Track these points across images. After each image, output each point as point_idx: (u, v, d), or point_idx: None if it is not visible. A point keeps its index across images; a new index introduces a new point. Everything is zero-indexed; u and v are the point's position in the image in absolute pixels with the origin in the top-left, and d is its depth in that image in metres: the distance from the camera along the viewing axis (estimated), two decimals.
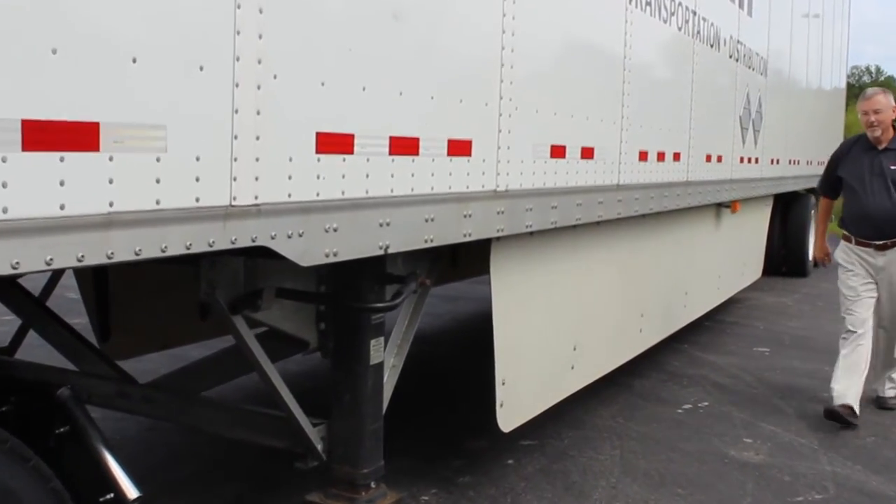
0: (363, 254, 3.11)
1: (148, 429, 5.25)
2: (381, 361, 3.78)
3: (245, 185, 2.60)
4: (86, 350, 4.29)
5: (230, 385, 5.65)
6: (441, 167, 3.50)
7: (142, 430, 5.22)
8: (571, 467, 5.07)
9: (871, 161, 6.08)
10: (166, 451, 5.09)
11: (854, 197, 6.14)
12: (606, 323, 5.68)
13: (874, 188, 6.00)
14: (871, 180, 6.02)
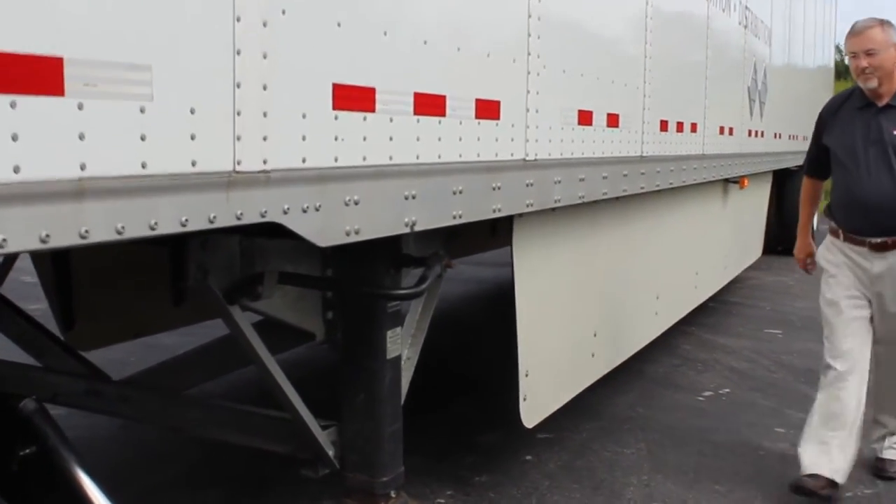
0: (388, 231, 2.59)
1: (121, 426, 4.70)
2: (399, 355, 3.25)
3: (251, 146, 2.07)
4: (48, 342, 3.73)
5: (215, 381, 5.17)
6: (469, 131, 2.98)
7: (114, 427, 4.67)
8: (596, 463, 4.58)
9: (866, 124, 4.11)
10: (143, 450, 4.55)
11: (844, 174, 4.17)
12: (625, 306, 5.18)
13: (870, 162, 4.05)
14: (867, 151, 4.07)
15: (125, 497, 4.03)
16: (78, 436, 4.65)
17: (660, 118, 4.96)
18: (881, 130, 4.07)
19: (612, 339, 4.96)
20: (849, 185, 4.14)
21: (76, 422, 4.74)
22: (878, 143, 4.06)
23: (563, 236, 4.12)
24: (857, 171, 4.09)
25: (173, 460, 4.43)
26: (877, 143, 4.06)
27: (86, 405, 3.70)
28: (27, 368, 3.84)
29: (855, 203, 4.10)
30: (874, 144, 4.07)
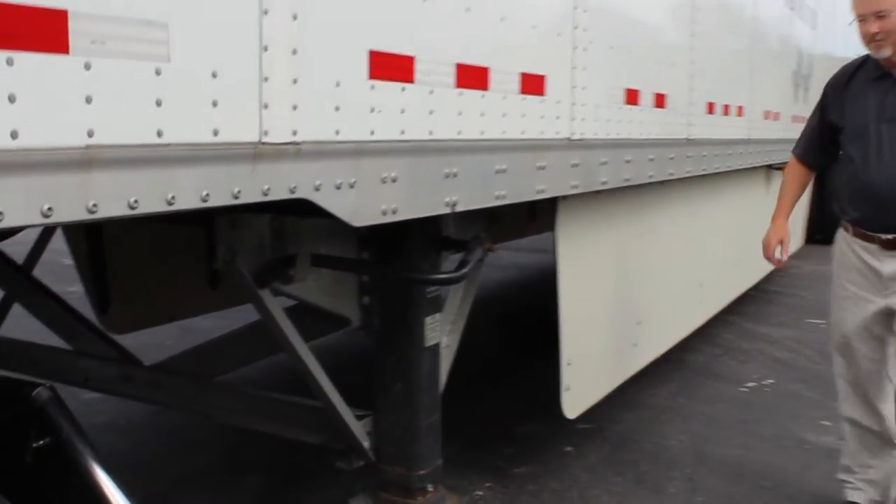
0: (427, 211, 2.36)
1: (156, 411, 4.51)
2: (438, 343, 3.03)
3: (280, 115, 1.85)
4: (80, 325, 3.54)
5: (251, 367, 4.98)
6: (513, 107, 2.74)
7: (149, 412, 4.48)
8: (638, 455, 4.33)
9: (880, 99, 3.29)
10: (178, 437, 4.37)
11: (852, 158, 3.38)
12: (669, 294, 4.92)
13: (882, 144, 3.25)
14: (879, 131, 3.26)
15: (159, 484, 3.90)
16: (111, 421, 4.50)
17: (706, 100, 4.68)
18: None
19: (655, 327, 4.71)
20: (857, 170, 3.32)
21: (109, 406, 4.59)
22: (893, 122, 3.25)
23: (607, 221, 3.87)
24: (867, 154, 3.29)
25: (208, 447, 4.25)
26: (892, 122, 3.25)
27: (117, 390, 3.53)
28: (59, 352, 3.67)
29: (864, 192, 3.31)
30: (889, 123, 3.25)
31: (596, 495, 3.89)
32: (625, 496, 3.88)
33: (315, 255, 2.69)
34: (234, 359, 3.48)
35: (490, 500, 3.80)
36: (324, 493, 3.74)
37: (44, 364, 3.65)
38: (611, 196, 3.77)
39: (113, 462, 4.04)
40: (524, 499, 3.82)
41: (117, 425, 4.46)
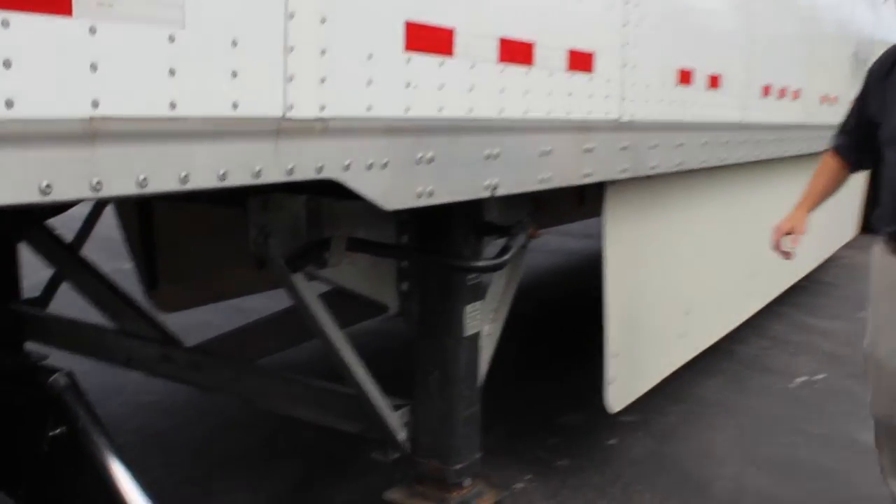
0: (466, 195, 2.19)
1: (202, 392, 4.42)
2: (478, 332, 2.87)
3: (306, 88, 1.69)
4: (123, 304, 3.44)
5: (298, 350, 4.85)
6: (559, 85, 2.55)
7: (195, 393, 4.38)
8: (684, 451, 4.13)
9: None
10: (222, 419, 4.27)
11: (892, 162, 2.79)
12: (718, 284, 4.69)
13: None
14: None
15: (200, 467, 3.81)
16: (159, 400, 4.42)
17: (762, 83, 4.43)
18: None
19: (704, 318, 4.49)
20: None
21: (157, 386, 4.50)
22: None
23: (657, 207, 3.66)
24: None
25: (250, 430, 4.14)
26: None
27: (158, 371, 3.43)
28: (103, 331, 3.58)
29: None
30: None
31: (639, 492, 3.70)
32: (668, 494, 3.69)
33: (351, 239, 2.55)
34: (275, 342, 3.37)
35: (530, 493, 3.64)
36: (360, 482, 3.61)
37: (88, 343, 3.58)
38: (660, 181, 3.56)
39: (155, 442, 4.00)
40: (565, 493, 3.65)
41: (164, 405, 4.38)
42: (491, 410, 3.11)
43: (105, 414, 4.15)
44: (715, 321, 4.70)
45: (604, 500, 3.61)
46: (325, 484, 3.61)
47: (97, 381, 4.49)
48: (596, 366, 3.48)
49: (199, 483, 3.56)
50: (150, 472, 3.60)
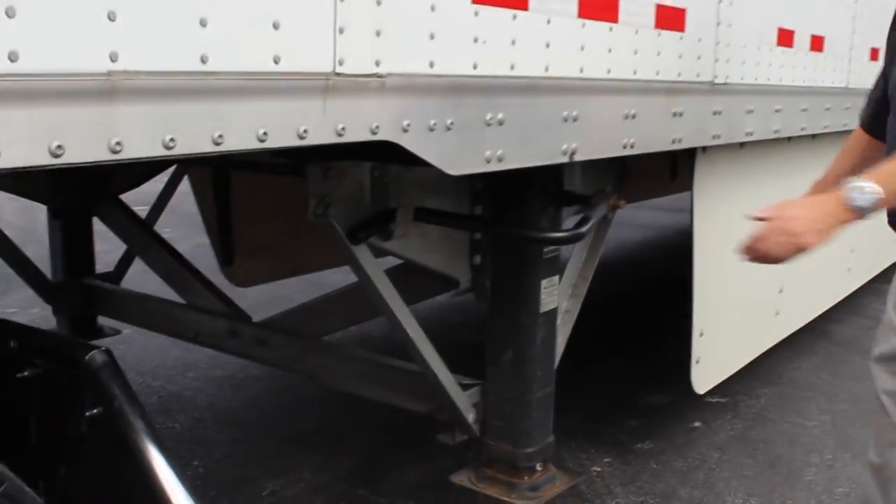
0: (540, 160, 1.98)
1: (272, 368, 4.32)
2: (555, 308, 2.66)
3: (359, 42, 1.50)
4: (192, 279, 3.34)
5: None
6: (646, 43, 2.30)
7: (265, 369, 4.29)
8: (774, 435, 3.85)
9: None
10: (292, 395, 4.15)
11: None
12: (815, 260, 4.34)
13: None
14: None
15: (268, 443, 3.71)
16: (230, 375, 4.34)
17: (870, 45, 4.06)
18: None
19: (799, 296, 4.17)
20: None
21: (230, 360, 4.43)
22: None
23: (750, 177, 3.37)
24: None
25: (320, 407, 4.02)
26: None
27: (225, 346, 3.33)
28: (173, 306, 3.50)
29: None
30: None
31: (724, 478, 3.45)
32: (755, 480, 3.43)
33: (419, 209, 2.36)
34: (344, 317, 3.22)
35: (608, 477, 3.42)
36: (429, 464, 3.45)
37: (158, 317, 3.50)
38: (755, 149, 3.27)
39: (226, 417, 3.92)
40: (645, 478, 3.42)
41: (236, 379, 4.30)
42: (568, 390, 2.92)
43: (178, 388, 4.17)
44: (810, 299, 4.38)
45: (686, 486, 3.38)
46: (392, 465, 3.46)
47: (172, 356, 4.45)
48: (682, 345, 3.24)
49: (266, 461, 3.46)
50: (220, 449, 3.53)
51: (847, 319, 5.52)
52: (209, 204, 3.98)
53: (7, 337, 1.78)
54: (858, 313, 5.68)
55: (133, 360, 4.30)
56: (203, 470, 3.34)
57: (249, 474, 3.34)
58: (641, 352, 4.90)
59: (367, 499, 3.20)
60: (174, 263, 3.39)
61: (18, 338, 1.78)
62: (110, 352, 1.67)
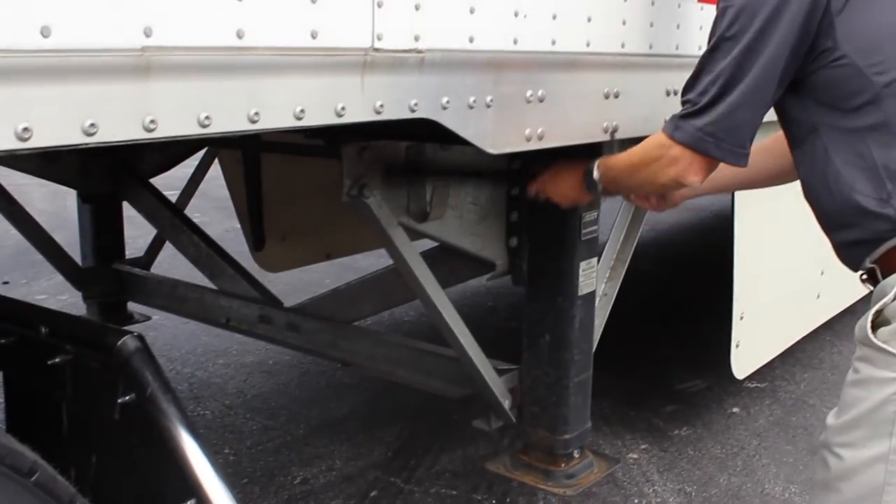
0: (582, 138, 1.94)
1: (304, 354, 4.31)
2: (593, 291, 2.62)
3: (398, 16, 1.46)
4: (223, 264, 3.33)
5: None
6: (688, 16, 2.25)
7: (296, 355, 4.28)
8: (814, 421, 3.78)
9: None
10: (324, 381, 4.14)
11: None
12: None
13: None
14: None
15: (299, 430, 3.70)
16: (261, 361, 4.34)
17: None
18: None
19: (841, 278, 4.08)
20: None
21: (260, 346, 4.43)
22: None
23: None
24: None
25: (352, 393, 4.00)
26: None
27: (256, 332, 3.31)
28: (204, 291, 3.49)
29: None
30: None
31: (764, 465, 3.40)
32: (795, 468, 3.37)
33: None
34: (375, 302, 3.18)
35: (644, 464, 3.38)
36: (463, 451, 3.42)
37: (189, 303, 3.49)
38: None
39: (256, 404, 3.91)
40: (682, 465, 3.38)
41: (266, 365, 4.30)
42: (604, 375, 2.88)
43: (208, 375, 4.17)
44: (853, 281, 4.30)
45: (724, 473, 3.33)
46: (425, 452, 3.43)
47: (201, 342, 4.45)
48: (718, 329, 3.19)
49: (298, 448, 3.45)
50: (251, 437, 3.52)
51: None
52: (240, 188, 3.96)
53: (38, 323, 1.77)
54: None
55: (163, 346, 4.31)
56: (234, 458, 3.34)
57: (280, 462, 3.33)
58: (677, 336, 4.84)
59: (401, 487, 3.18)
60: (205, 248, 3.37)
61: (49, 324, 1.77)
62: (143, 337, 1.65)
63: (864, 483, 1.54)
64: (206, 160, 3.71)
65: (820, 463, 1.66)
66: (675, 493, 3.17)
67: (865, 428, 1.53)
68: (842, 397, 1.61)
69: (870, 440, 1.52)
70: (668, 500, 3.13)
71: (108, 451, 1.67)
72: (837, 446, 1.59)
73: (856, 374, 1.59)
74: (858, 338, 1.58)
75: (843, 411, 1.59)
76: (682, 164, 1.65)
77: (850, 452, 1.56)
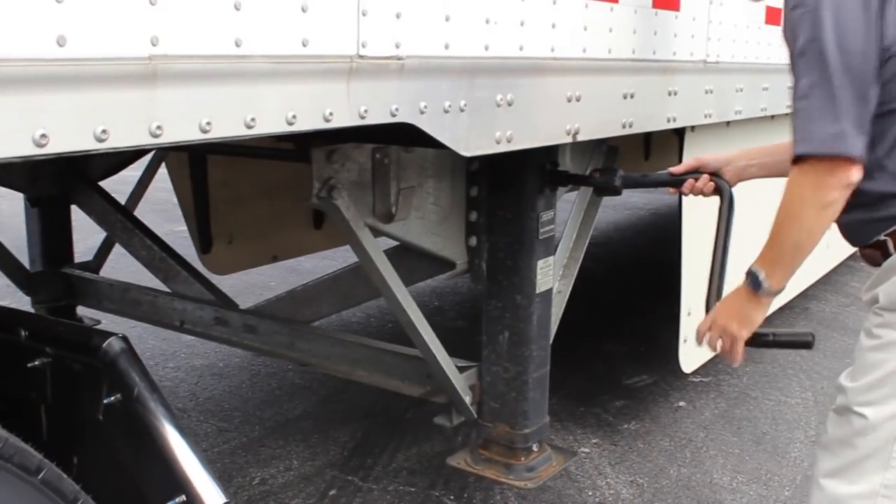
0: (547, 140, 2.05)
1: (256, 354, 4.35)
2: (550, 288, 2.73)
3: (381, 24, 1.55)
4: (178, 267, 3.36)
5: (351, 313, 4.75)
6: (644, 23, 2.38)
7: (248, 356, 4.33)
8: (757, 413, 3.98)
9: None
10: (276, 382, 4.20)
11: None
12: None
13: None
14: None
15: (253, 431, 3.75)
16: (211, 363, 4.38)
17: None
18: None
19: None
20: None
21: (209, 348, 4.47)
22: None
23: None
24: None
25: (305, 393, 4.07)
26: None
27: (212, 334, 3.34)
28: (157, 294, 3.51)
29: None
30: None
31: (711, 456, 3.57)
32: (741, 458, 3.56)
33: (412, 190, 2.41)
34: (332, 303, 3.25)
35: (596, 458, 3.53)
36: (420, 447, 3.53)
37: (141, 306, 3.50)
38: (742, 127, 3.37)
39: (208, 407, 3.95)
40: (633, 457, 3.53)
41: (217, 368, 4.34)
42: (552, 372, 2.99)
43: (158, 378, 4.17)
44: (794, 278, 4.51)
45: (674, 465, 3.49)
46: (382, 450, 3.53)
47: (149, 346, 4.46)
48: (662, 325, 3.34)
49: (254, 450, 3.51)
50: (206, 439, 3.57)
51: (825, 297, 5.70)
52: (186, 190, 3.99)
53: (16, 326, 1.81)
54: (837, 291, 5.86)
55: None
56: None
57: (238, 464, 3.39)
58: (621, 332, 5.02)
59: (359, 485, 3.27)
60: (158, 251, 3.40)
61: (28, 327, 1.81)
62: (127, 338, 1.71)
63: (880, 437, 1.72)
64: (153, 163, 3.73)
65: (835, 423, 1.84)
66: (628, 485, 3.32)
67: (889, 386, 1.70)
68: (859, 362, 1.78)
69: (892, 397, 1.70)
70: (622, 491, 3.27)
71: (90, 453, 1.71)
72: (860, 405, 1.75)
73: (876, 340, 1.74)
74: (884, 305, 1.71)
75: (864, 373, 1.75)
76: (825, 172, 1.63)
77: (873, 410, 1.73)
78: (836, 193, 1.67)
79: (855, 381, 1.79)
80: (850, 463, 1.82)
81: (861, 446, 1.79)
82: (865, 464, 1.78)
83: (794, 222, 1.76)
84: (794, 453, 3.61)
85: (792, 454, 3.61)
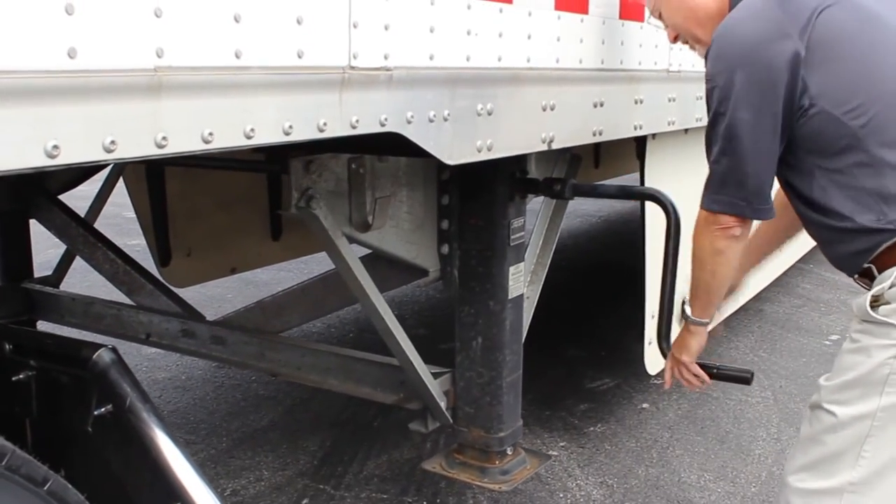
0: (524, 148, 2.12)
1: (219, 366, 4.35)
2: (522, 294, 2.80)
3: (370, 35, 1.60)
4: (141, 279, 3.36)
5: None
6: (612, 33, 2.46)
7: (212, 367, 4.33)
8: (720, 413, 4.09)
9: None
10: (241, 393, 4.21)
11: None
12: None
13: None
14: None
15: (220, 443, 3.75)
16: (173, 377, 4.36)
17: None
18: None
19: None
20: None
21: (171, 361, 4.45)
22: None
23: (696, 163, 3.57)
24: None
25: (272, 403, 4.08)
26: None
27: (179, 347, 3.34)
28: (121, 307, 3.49)
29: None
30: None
31: (678, 456, 3.67)
32: (707, 457, 3.66)
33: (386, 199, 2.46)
34: (301, 313, 3.28)
35: (565, 460, 3.60)
36: (390, 455, 3.56)
37: (105, 320, 3.49)
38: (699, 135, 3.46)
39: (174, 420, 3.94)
40: (601, 459, 3.61)
41: (179, 381, 4.32)
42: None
43: None
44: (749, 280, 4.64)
45: (641, 465, 3.58)
46: (352, 458, 3.56)
47: None
48: (622, 330, 3.43)
49: (223, 461, 3.52)
50: None
51: (779, 299, 5.86)
52: (144, 203, 3.99)
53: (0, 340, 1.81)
54: (789, 293, 6.03)
55: None
56: None
57: (207, 475, 3.34)
58: (581, 337, 5.11)
59: (331, 494, 3.30)
60: (122, 264, 3.39)
61: (13, 340, 1.81)
62: (116, 349, 1.72)
63: (848, 436, 1.84)
64: (112, 176, 3.71)
65: (807, 420, 1.96)
66: (598, 486, 3.39)
67: (860, 388, 1.83)
68: (838, 364, 1.92)
69: (861, 398, 1.82)
70: (592, 492, 3.34)
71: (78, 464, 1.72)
72: (830, 403, 1.88)
73: (855, 344, 1.88)
74: (859, 314, 1.88)
75: (839, 374, 1.89)
76: (725, 226, 1.99)
77: (842, 409, 1.85)
78: (724, 243, 2.02)
79: (830, 381, 1.90)
80: (819, 459, 1.92)
81: (830, 443, 1.89)
82: (834, 461, 1.89)
83: (697, 264, 2.13)
84: (757, 451, 3.72)
85: (756, 451, 3.71)
